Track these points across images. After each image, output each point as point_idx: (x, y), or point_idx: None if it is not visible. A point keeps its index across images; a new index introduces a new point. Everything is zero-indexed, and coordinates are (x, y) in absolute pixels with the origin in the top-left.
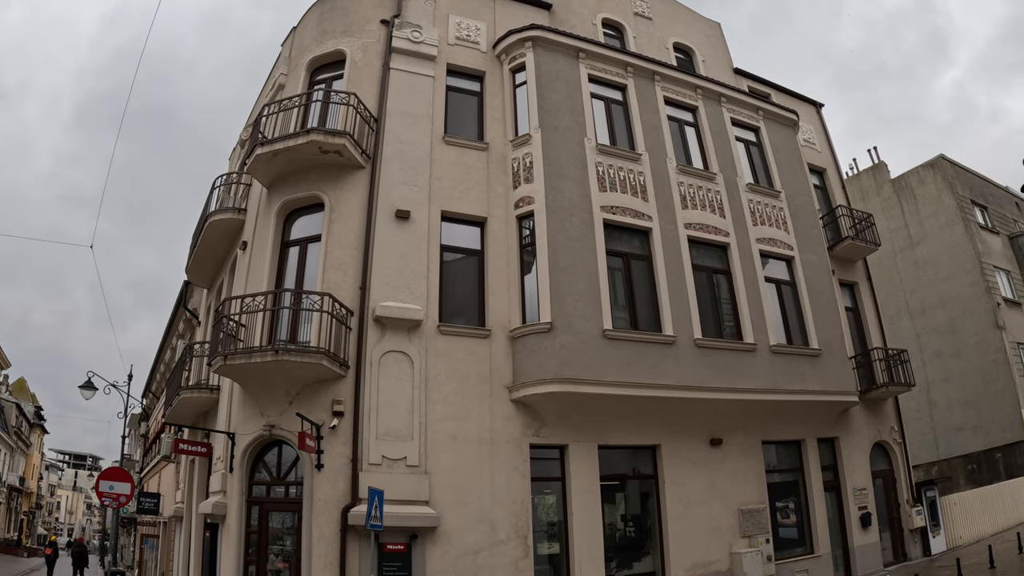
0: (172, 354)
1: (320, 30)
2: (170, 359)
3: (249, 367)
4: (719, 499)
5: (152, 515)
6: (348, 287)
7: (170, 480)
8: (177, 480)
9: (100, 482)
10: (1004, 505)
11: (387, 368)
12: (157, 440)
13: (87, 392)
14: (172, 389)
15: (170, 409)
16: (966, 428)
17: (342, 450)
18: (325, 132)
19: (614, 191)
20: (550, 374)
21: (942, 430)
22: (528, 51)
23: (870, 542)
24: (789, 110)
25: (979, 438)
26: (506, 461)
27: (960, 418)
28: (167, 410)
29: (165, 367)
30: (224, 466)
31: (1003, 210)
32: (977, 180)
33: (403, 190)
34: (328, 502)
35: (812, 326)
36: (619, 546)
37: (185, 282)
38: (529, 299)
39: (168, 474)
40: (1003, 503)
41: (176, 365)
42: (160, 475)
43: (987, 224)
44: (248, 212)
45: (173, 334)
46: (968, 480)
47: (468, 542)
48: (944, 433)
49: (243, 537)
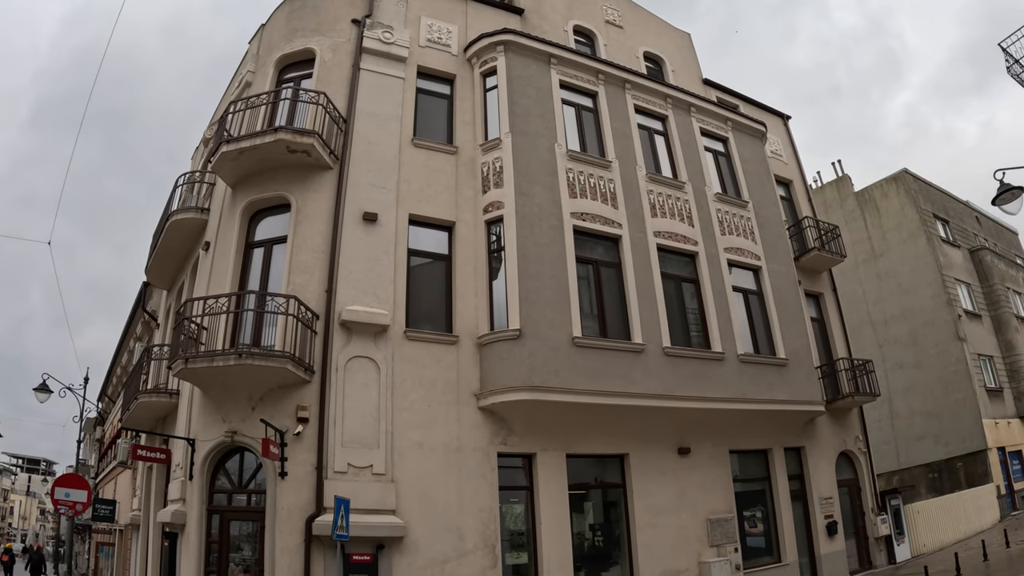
0: (130, 357)
1: (290, 28)
2: (127, 362)
3: (211, 371)
4: (687, 508)
5: (108, 522)
6: (314, 290)
7: (127, 487)
8: (134, 487)
9: (55, 489)
10: (966, 513)
11: (353, 374)
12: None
13: (42, 395)
14: (130, 393)
15: (127, 413)
16: (927, 438)
17: (306, 457)
18: (293, 131)
19: (584, 198)
20: (519, 382)
21: (903, 440)
22: (500, 55)
23: (836, 550)
24: (757, 121)
25: (940, 448)
26: (474, 469)
27: (921, 428)
28: (124, 414)
29: (122, 370)
30: (183, 473)
31: (964, 224)
32: (939, 194)
33: (371, 192)
34: (292, 511)
35: (779, 336)
36: (587, 555)
37: (144, 283)
38: (497, 305)
39: (125, 480)
40: (964, 511)
41: (134, 368)
42: (116, 481)
43: (948, 238)
44: (211, 212)
45: (130, 337)
46: (929, 489)
47: (435, 552)
48: (905, 443)
49: (203, 547)
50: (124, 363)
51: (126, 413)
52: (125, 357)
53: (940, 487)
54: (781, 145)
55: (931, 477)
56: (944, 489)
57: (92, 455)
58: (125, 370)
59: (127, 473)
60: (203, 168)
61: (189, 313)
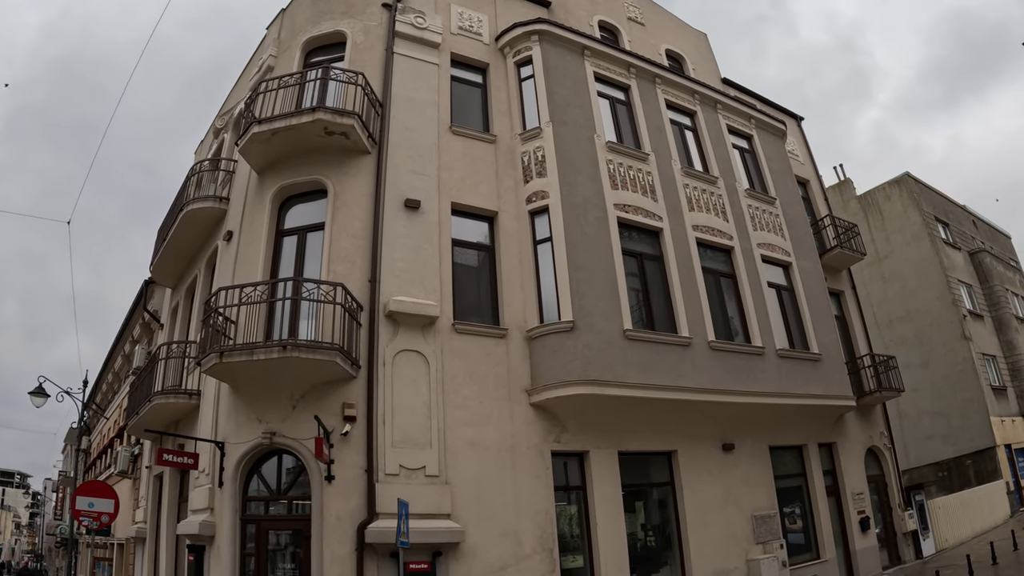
0: (125, 361)
1: (317, 10)
2: (121, 367)
3: (250, 365)
4: (733, 505)
5: (103, 536)
6: (356, 280)
7: (125, 497)
8: (136, 498)
9: (77, 498)
10: (981, 509)
11: (401, 368)
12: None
13: (38, 399)
14: (139, 396)
15: (136, 418)
16: (935, 437)
17: (355, 459)
18: (333, 111)
19: (625, 189)
20: (574, 375)
21: (912, 439)
22: (535, 45)
23: (869, 546)
24: (778, 120)
25: (949, 446)
26: (528, 469)
27: (929, 427)
28: (129, 419)
29: (114, 376)
30: (210, 480)
31: (962, 227)
32: (938, 198)
33: (411, 179)
34: (341, 518)
35: (812, 331)
36: (639, 556)
37: (146, 282)
38: (545, 298)
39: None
40: (980, 507)
41: (142, 370)
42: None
43: (949, 240)
44: (232, 200)
45: (126, 340)
46: (939, 487)
47: (493, 558)
48: (914, 442)
49: (237, 560)
50: (117, 368)
51: (134, 418)
52: (119, 362)
53: (950, 485)
54: (797, 145)
55: (940, 475)
56: (954, 487)
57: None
58: (118, 376)
59: (125, 483)
60: (214, 156)
61: (223, 303)
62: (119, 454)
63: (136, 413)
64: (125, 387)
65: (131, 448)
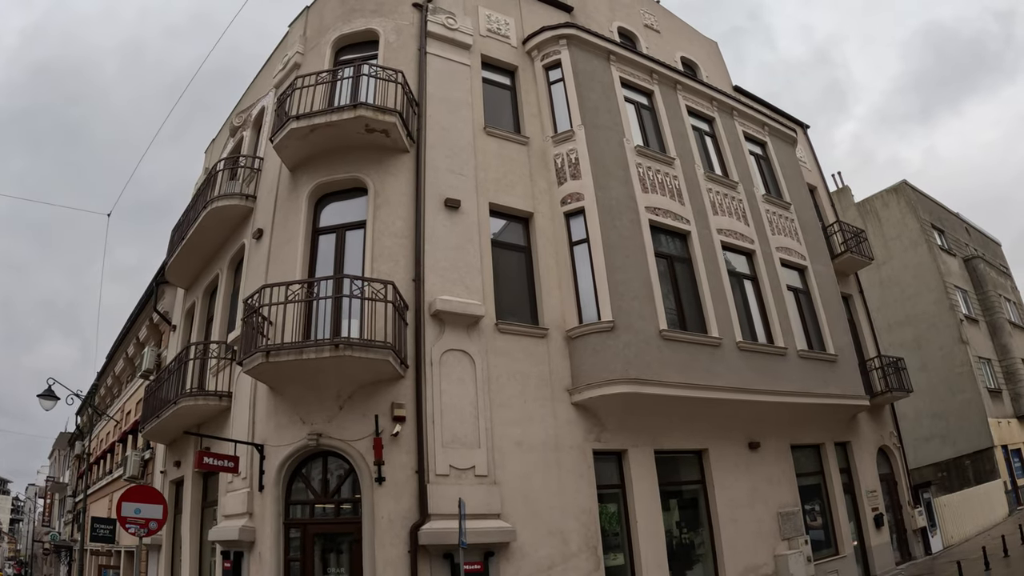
0: (128, 364)
1: (346, 8)
2: (123, 370)
3: (298, 365)
4: (760, 502)
5: (107, 543)
6: (400, 278)
7: None
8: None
9: (123, 504)
10: (982, 507)
11: (448, 368)
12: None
13: (47, 402)
14: (158, 399)
15: (157, 422)
16: (935, 438)
17: (405, 460)
18: (375, 108)
19: (654, 193)
20: (616, 374)
21: (912, 440)
22: (563, 49)
23: (883, 542)
24: (790, 127)
25: (948, 447)
26: (572, 468)
27: (929, 429)
28: (148, 422)
29: (114, 379)
30: (249, 484)
31: (956, 234)
32: (934, 205)
33: (450, 178)
34: (393, 520)
35: (828, 332)
36: (675, 553)
37: (156, 283)
38: (583, 298)
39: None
40: (981, 505)
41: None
42: (112, 498)
43: (945, 246)
44: (260, 198)
45: (129, 342)
46: (940, 487)
47: (541, 557)
48: (914, 443)
49: (282, 565)
50: (118, 372)
51: (152, 421)
52: (120, 364)
53: (950, 485)
54: (804, 152)
55: (940, 476)
56: (954, 487)
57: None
58: (119, 379)
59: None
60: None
61: (268, 301)
62: (128, 459)
63: (156, 416)
64: (130, 390)
65: (141, 453)
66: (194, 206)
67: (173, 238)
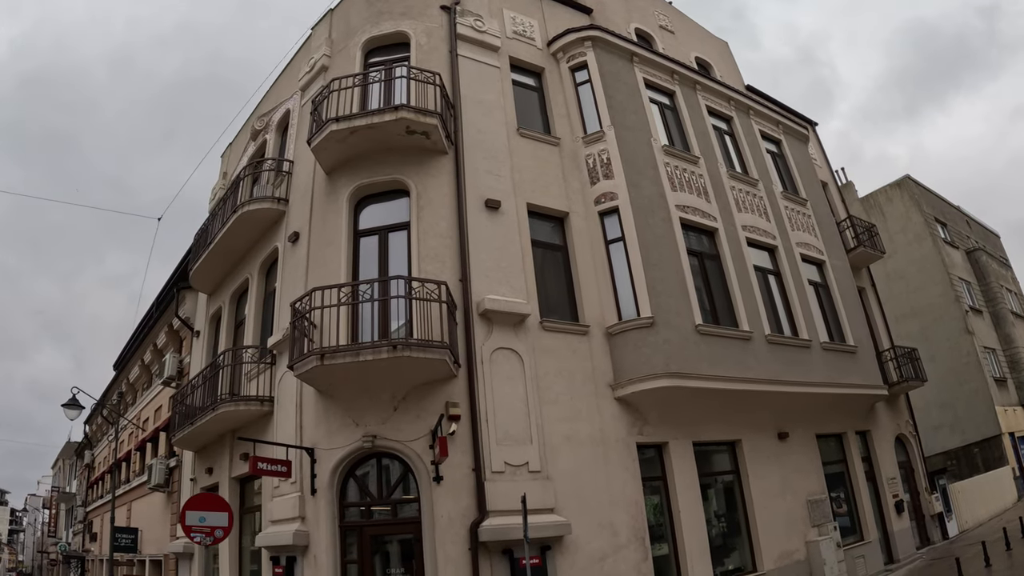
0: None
1: (374, 11)
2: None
3: (354, 367)
4: (791, 491)
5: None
6: (447, 279)
7: (150, 513)
8: (173, 512)
9: (187, 513)
10: (992, 493)
11: (498, 366)
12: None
13: (71, 411)
14: (196, 404)
15: (191, 428)
16: (943, 427)
17: (461, 459)
18: (416, 110)
19: (683, 191)
20: (657, 369)
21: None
22: (588, 51)
23: (904, 527)
24: (802, 124)
25: (956, 435)
26: (618, 462)
27: (937, 418)
28: (181, 429)
29: (128, 387)
30: (300, 488)
31: (958, 227)
32: (936, 199)
33: (488, 179)
34: (452, 518)
35: (847, 324)
36: (714, 542)
37: (176, 289)
38: (620, 295)
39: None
40: (992, 491)
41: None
42: (131, 508)
43: (948, 239)
44: (293, 201)
45: (145, 349)
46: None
47: (594, 549)
48: (923, 432)
49: (339, 568)
50: (132, 379)
51: (186, 428)
52: (136, 371)
53: (959, 473)
54: (814, 149)
55: (950, 464)
56: (963, 474)
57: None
58: (133, 387)
59: (156, 497)
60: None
61: (319, 304)
62: (153, 467)
63: (190, 423)
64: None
65: (166, 460)
66: (220, 210)
67: (196, 243)
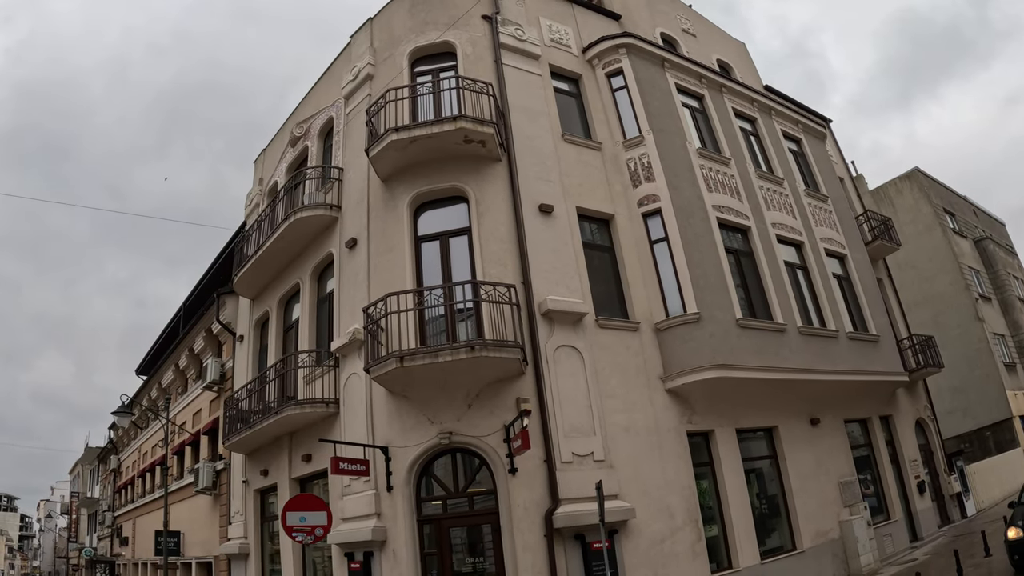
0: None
1: (418, 21)
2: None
3: (432, 368)
4: (823, 474)
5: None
6: (510, 281)
7: (201, 515)
8: (228, 514)
9: (287, 514)
10: (1007, 473)
11: (561, 363)
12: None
13: (122, 419)
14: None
15: (249, 431)
16: (956, 412)
17: (535, 451)
18: (473, 120)
19: (717, 192)
20: (705, 361)
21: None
22: (623, 57)
23: (927, 507)
24: (819, 123)
25: (969, 420)
26: (671, 449)
27: (950, 403)
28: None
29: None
30: (373, 485)
31: (966, 216)
32: (944, 190)
33: (540, 185)
34: (528, 508)
35: (869, 315)
36: (756, 522)
37: (217, 294)
38: (667, 293)
39: (189, 509)
40: (1005, 472)
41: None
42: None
43: (957, 229)
44: (347, 208)
45: (180, 353)
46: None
47: (654, 531)
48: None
49: (419, 561)
50: (166, 384)
51: (244, 431)
52: (170, 375)
53: (972, 455)
54: (830, 146)
55: (963, 447)
56: (976, 457)
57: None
58: (165, 391)
59: (201, 500)
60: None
61: (396, 308)
62: (200, 470)
63: (249, 426)
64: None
65: (213, 464)
66: (267, 217)
67: (240, 250)
